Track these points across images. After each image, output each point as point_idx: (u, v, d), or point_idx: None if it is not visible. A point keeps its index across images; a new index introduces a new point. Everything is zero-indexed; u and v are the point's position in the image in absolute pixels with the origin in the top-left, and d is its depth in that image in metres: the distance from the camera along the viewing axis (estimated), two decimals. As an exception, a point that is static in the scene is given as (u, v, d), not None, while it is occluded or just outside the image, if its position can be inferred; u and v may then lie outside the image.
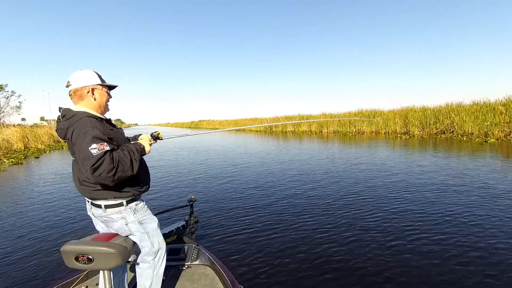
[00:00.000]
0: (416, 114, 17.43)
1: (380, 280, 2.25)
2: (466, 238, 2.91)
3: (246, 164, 8.37)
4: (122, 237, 1.44)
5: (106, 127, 1.36)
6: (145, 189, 1.54)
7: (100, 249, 1.32)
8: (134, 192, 1.43)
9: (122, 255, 1.34)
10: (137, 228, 1.46)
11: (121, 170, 1.24)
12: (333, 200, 4.43)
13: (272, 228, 3.42)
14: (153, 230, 1.53)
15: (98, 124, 1.30)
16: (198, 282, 1.85)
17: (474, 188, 4.71)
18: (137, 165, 1.33)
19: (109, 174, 1.19)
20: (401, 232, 3.13)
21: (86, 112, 1.34)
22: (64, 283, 1.79)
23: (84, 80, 1.37)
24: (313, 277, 2.34)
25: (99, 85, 1.41)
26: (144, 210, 1.52)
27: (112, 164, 1.21)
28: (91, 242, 1.36)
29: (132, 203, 1.44)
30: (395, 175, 5.92)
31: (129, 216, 1.43)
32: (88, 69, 1.42)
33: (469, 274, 2.28)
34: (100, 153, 1.18)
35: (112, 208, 1.39)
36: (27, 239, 3.33)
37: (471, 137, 13.05)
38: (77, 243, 1.38)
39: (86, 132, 1.22)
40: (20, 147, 15.30)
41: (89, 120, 1.27)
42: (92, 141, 1.19)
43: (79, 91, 1.36)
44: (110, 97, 1.51)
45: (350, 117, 22.28)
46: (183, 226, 2.83)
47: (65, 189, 5.84)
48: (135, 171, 1.33)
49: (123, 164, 1.26)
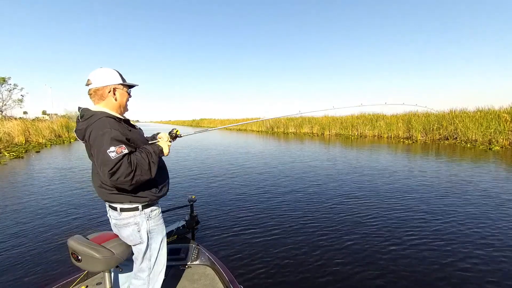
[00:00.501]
0: (419, 119, 17.32)
1: (380, 283, 2.25)
2: (467, 245, 2.88)
3: (246, 164, 8.33)
4: (116, 242, 1.39)
5: (125, 127, 1.31)
6: (163, 193, 1.45)
7: (86, 251, 1.30)
8: (151, 196, 1.36)
9: (106, 261, 1.31)
10: (145, 237, 1.37)
11: (139, 174, 1.20)
12: (334, 203, 4.40)
13: (272, 228, 3.40)
14: (157, 244, 1.43)
15: (117, 124, 1.25)
16: (198, 282, 1.84)
17: (477, 195, 4.64)
18: (155, 168, 1.28)
19: (127, 178, 1.16)
20: (401, 237, 3.11)
21: (105, 112, 1.28)
22: (64, 283, 1.77)
23: (106, 79, 1.32)
24: (313, 277, 2.34)
25: (121, 85, 1.36)
26: (157, 219, 1.43)
27: (130, 168, 1.16)
28: (83, 241, 1.34)
29: (147, 208, 1.37)
30: (398, 180, 5.84)
31: (142, 222, 1.36)
32: (109, 67, 1.36)
33: (469, 280, 2.28)
34: (118, 157, 1.14)
35: (127, 212, 1.34)
36: (26, 236, 3.29)
37: (475, 144, 12.94)
38: (75, 239, 1.36)
39: (104, 134, 1.17)
40: (21, 140, 15.31)
41: (107, 121, 1.22)
42: (110, 143, 1.15)
43: (100, 90, 1.31)
44: (130, 97, 1.46)
45: (353, 120, 22.17)
46: (183, 226, 2.83)
47: (65, 185, 5.79)
48: (154, 174, 1.27)
49: (141, 167, 1.21)
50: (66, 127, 21.26)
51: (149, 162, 1.25)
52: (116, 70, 1.38)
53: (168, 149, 1.40)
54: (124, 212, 1.33)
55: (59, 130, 20.23)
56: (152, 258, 1.41)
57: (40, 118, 28.39)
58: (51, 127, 19.20)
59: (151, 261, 1.41)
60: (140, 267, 1.41)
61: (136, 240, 1.37)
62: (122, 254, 1.39)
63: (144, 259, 1.40)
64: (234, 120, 45.29)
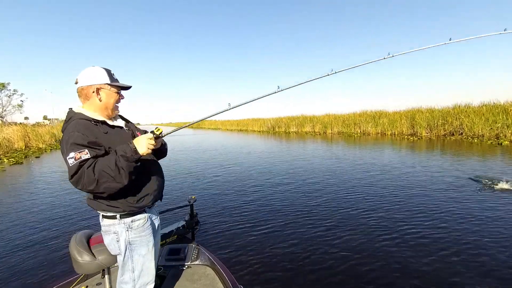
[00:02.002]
0: (423, 115, 17.04)
1: (384, 282, 2.21)
2: (473, 243, 2.79)
3: (246, 164, 8.30)
4: (103, 247, 1.35)
5: (98, 130, 1.18)
6: (146, 203, 1.27)
7: (72, 251, 1.32)
8: (126, 207, 1.21)
9: (85, 265, 1.31)
10: (124, 248, 1.26)
11: (105, 181, 1.06)
12: (335, 203, 4.28)
13: (272, 228, 3.36)
14: (140, 256, 1.29)
15: (85, 127, 1.13)
16: (198, 282, 1.83)
17: (489, 194, 4.41)
18: (126, 174, 1.09)
19: (91, 187, 1.05)
20: (407, 234, 3.05)
21: (81, 114, 1.20)
22: (64, 283, 1.77)
23: (91, 78, 1.23)
24: (313, 277, 2.32)
25: (107, 85, 1.25)
26: (140, 230, 1.28)
27: (93, 175, 1.04)
28: (77, 240, 1.36)
29: (127, 218, 1.24)
30: (404, 178, 5.62)
31: (121, 232, 1.25)
32: (99, 66, 1.27)
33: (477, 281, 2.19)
34: (76, 164, 1.04)
35: (107, 219, 1.26)
36: (26, 237, 3.31)
37: (482, 139, 12.65)
38: (75, 236, 1.40)
39: (68, 138, 1.10)
40: (21, 146, 15.19)
41: (76, 123, 1.14)
42: (70, 149, 1.07)
43: (85, 90, 1.23)
44: (122, 98, 1.34)
45: (355, 117, 21.92)
46: (183, 226, 2.82)
47: (64, 191, 5.63)
48: (126, 181, 1.10)
49: (106, 175, 1.06)
50: (67, 132, 21.15)
51: (118, 168, 1.07)
52: (106, 69, 1.27)
53: (145, 147, 1.12)
54: (105, 219, 1.26)
55: (59, 135, 20.15)
56: (135, 270, 1.29)
57: (41, 123, 28.39)
58: (51, 132, 19.10)
59: (134, 273, 1.29)
60: (122, 278, 1.30)
61: (115, 250, 1.28)
62: (105, 261, 1.33)
63: (125, 270, 1.28)
64: (235, 121, 45.16)
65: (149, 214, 1.34)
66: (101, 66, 1.27)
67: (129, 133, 1.32)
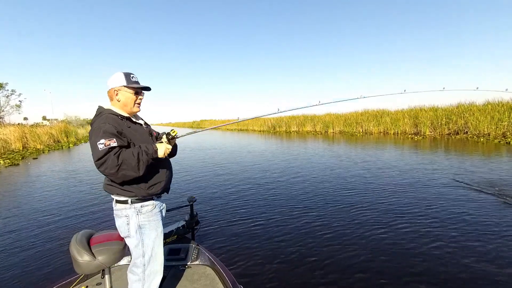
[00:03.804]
0: (426, 114, 16.80)
1: (384, 282, 2.18)
2: (477, 246, 2.71)
3: (247, 164, 8.23)
4: (104, 247, 1.41)
5: (124, 124, 1.40)
6: (156, 191, 1.46)
7: (72, 251, 1.34)
8: (138, 192, 1.40)
9: (84, 265, 1.33)
10: (135, 231, 1.40)
11: (125, 169, 1.26)
12: (335, 203, 4.19)
13: (272, 228, 3.34)
14: (150, 239, 1.44)
15: (114, 120, 1.36)
16: (198, 282, 1.84)
17: (501, 196, 4.21)
18: (143, 167, 1.31)
19: (112, 171, 1.23)
20: (410, 235, 3.01)
21: (110, 110, 1.43)
22: (64, 283, 1.78)
23: (112, 82, 1.45)
24: (313, 277, 2.30)
25: (124, 87, 1.44)
26: (149, 215, 1.44)
27: (117, 161, 1.23)
28: (78, 240, 1.39)
29: (138, 203, 1.41)
30: (406, 177, 5.42)
31: (132, 215, 1.40)
32: (120, 72, 1.47)
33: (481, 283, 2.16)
34: (105, 149, 1.23)
35: (120, 204, 1.41)
36: (26, 237, 3.32)
37: (488, 138, 12.41)
38: (76, 235, 1.42)
39: (100, 128, 1.29)
40: (18, 147, 14.96)
41: (107, 116, 1.35)
42: (101, 136, 1.25)
43: (109, 92, 1.46)
44: (140, 96, 1.51)
45: (357, 116, 21.69)
46: (183, 226, 2.83)
47: (64, 192, 5.50)
48: (141, 172, 1.31)
49: (128, 163, 1.26)
50: (65, 132, 20.93)
51: (139, 160, 1.28)
52: (125, 73, 1.46)
53: (163, 152, 1.38)
54: (118, 204, 1.41)
55: (57, 135, 19.89)
56: (145, 255, 1.42)
57: (40, 123, 28.13)
58: (49, 132, 18.86)
59: (145, 257, 1.42)
60: (134, 261, 1.43)
61: (125, 232, 1.41)
62: (104, 261, 1.38)
63: (137, 254, 1.42)
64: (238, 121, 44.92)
65: (157, 202, 1.49)
66: (123, 71, 1.46)
67: (147, 130, 1.53)
